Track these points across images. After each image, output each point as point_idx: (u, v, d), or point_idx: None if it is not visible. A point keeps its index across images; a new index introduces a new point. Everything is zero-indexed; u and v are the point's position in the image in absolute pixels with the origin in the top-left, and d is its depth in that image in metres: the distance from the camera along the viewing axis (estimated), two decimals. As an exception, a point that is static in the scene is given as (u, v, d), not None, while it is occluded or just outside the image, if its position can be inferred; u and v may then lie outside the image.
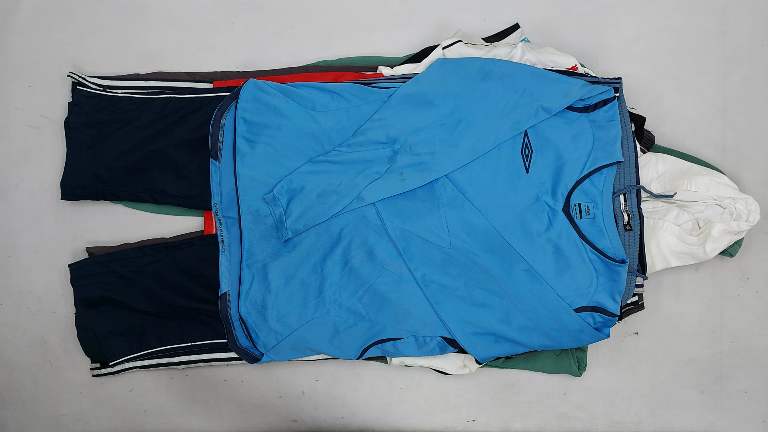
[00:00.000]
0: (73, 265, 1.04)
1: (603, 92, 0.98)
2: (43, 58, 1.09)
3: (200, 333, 1.04)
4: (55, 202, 1.08)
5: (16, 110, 1.09)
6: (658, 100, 1.09)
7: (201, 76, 1.06)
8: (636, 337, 1.10)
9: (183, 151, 1.03)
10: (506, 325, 0.98)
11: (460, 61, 1.01)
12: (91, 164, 1.04)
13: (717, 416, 1.11)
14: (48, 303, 1.09)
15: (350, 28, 1.09)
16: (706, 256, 1.01)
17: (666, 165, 1.04)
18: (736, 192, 1.01)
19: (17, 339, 1.10)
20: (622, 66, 1.09)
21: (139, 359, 1.05)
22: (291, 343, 1.02)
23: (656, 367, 1.11)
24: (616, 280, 0.96)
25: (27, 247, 1.09)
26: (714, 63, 1.10)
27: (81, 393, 1.10)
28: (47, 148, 1.08)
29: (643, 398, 1.11)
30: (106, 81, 1.05)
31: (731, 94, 1.10)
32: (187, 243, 1.05)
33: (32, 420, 1.10)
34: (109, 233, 1.08)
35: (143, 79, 1.06)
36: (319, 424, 1.10)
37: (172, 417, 1.10)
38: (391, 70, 1.04)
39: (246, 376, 1.09)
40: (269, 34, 1.09)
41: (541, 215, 0.97)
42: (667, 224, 1.00)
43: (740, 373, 1.11)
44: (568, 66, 1.00)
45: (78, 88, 1.04)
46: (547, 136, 0.97)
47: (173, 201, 1.05)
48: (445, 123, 0.99)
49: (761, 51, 1.10)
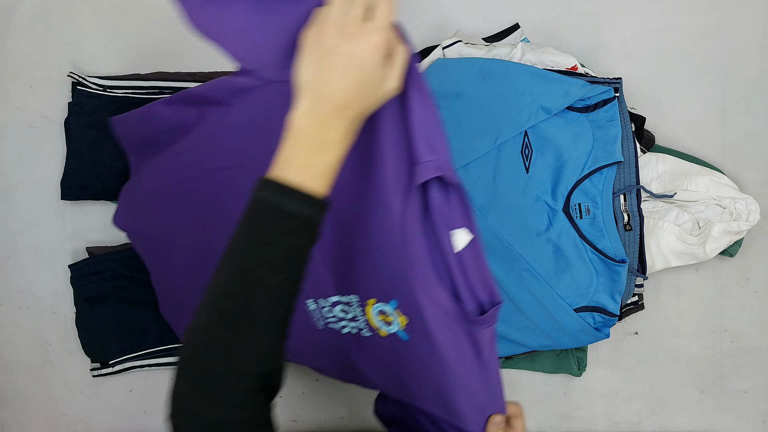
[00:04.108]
0: (73, 266, 1.04)
1: (603, 92, 0.98)
2: (43, 58, 1.09)
3: (200, 333, 1.04)
4: (55, 202, 1.08)
5: (16, 110, 1.09)
6: (658, 100, 1.09)
7: (201, 76, 1.06)
8: (636, 337, 1.10)
9: (183, 151, 1.03)
10: (506, 325, 0.98)
11: (460, 61, 1.01)
12: (91, 164, 1.03)
13: (717, 416, 1.11)
14: (48, 303, 1.09)
15: (350, 28, 1.09)
16: (706, 256, 1.01)
17: (666, 165, 1.04)
18: (736, 192, 1.01)
19: (17, 339, 1.10)
20: (622, 66, 1.09)
21: (139, 359, 1.05)
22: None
23: (656, 367, 1.10)
24: (616, 280, 0.96)
25: (27, 247, 1.09)
26: (714, 63, 1.10)
27: (81, 393, 1.10)
28: (47, 148, 1.08)
29: (643, 398, 1.11)
30: (106, 81, 1.05)
31: (731, 94, 1.10)
32: (187, 243, 1.05)
33: (32, 420, 1.10)
34: (109, 233, 1.08)
35: (143, 79, 1.06)
36: (319, 424, 1.10)
37: (172, 417, 1.10)
38: (391, 70, 1.03)
39: (246, 376, 1.09)
40: (269, 34, 1.09)
41: (541, 215, 0.97)
42: (667, 224, 1.00)
43: (740, 373, 1.11)
44: (568, 66, 1.00)
45: (78, 88, 1.04)
46: (547, 136, 0.97)
47: (173, 201, 1.05)
48: (444, 123, 0.98)
49: (761, 51, 1.10)
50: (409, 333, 0.68)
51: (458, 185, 0.62)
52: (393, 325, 0.69)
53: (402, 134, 0.60)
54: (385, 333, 0.71)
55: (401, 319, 0.68)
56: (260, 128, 0.69)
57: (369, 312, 0.71)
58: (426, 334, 0.65)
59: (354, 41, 0.51)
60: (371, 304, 0.70)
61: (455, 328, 0.65)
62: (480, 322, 0.64)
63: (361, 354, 0.76)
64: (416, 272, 0.63)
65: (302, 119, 0.52)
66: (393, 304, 0.68)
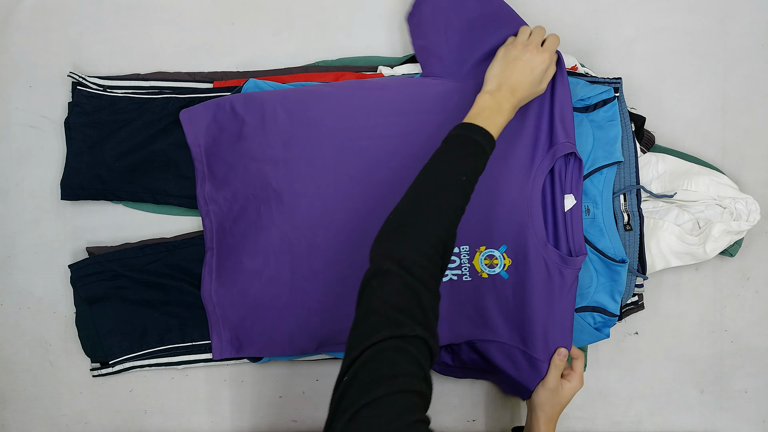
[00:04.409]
0: (73, 266, 1.04)
1: (603, 92, 0.98)
2: (43, 58, 1.09)
3: (200, 333, 1.04)
4: (55, 202, 1.08)
5: (16, 110, 1.09)
6: (658, 100, 1.09)
7: (201, 76, 1.06)
8: (636, 337, 1.10)
9: (184, 151, 1.03)
10: (507, 324, 1.00)
11: (461, 61, 1.02)
12: (91, 164, 1.04)
13: (717, 416, 1.11)
14: (48, 303, 1.09)
15: (350, 28, 1.09)
16: (706, 256, 1.01)
17: (666, 165, 1.04)
18: (736, 192, 1.01)
19: (17, 339, 1.10)
20: (622, 66, 1.09)
21: (139, 359, 1.05)
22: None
23: (656, 367, 1.10)
24: (616, 280, 0.96)
25: (27, 247, 1.09)
26: (714, 63, 1.10)
27: (81, 393, 1.10)
28: (47, 148, 1.08)
29: (643, 398, 1.11)
30: (106, 81, 1.05)
31: (731, 94, 1.10)
32: (187, 243, 1.05)
33: (32, 420, 1.10)
34: (109, 233, 1.08)
35: (143, 79, 1.06)
36: (319, 424, 1.10)
37: (172, 417, 1.10)
38: (391, 70, 1.04)
39: (246, 376, 1.09)
40: (269, 34, 1.09)
41: (542, 215, 0.98)
42: (667, 224, 1.00)
43: (740, 373, 1.11)
44: (568, 66, 1.00)
45: (78, 88, 1.04)
46: (547, 136, 0.99)
47: (174, 201, 1.05)
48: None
49: (761, 51, 1.10)
50: (509, 273, 0.91)
51: (580, 162, 0.92)
52: (497, 267, 0.92)
53: (544, 119, 0.92)
54: (487, 275, 0.92)
55: (506, 261, 0.91)
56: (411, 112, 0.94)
57: (477, 258, 0.92)
58: (526, 272, 0.90)
59: (532, 54, 0.85)
60: (481, 251, 0.92)
61: (550, 268, 0.89)
62: (570, 263, 0.90)
63: (453, 299, 0.93)
64: (533, 221, 0.90)
65: (488, 95, 0.82)
66: (502, 248, 0.91)
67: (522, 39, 0.88)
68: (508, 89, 0.82)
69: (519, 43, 0.87)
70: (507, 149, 0.91)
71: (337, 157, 0.94)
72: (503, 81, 0.83)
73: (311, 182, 0.94)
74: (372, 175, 0.93)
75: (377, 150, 0.94)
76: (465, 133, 0.77)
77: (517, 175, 0.91)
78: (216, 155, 0.99)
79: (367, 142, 0.94)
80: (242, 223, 0.97)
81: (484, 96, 0.82)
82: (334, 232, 0.94)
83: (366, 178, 0.94)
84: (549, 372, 0.90)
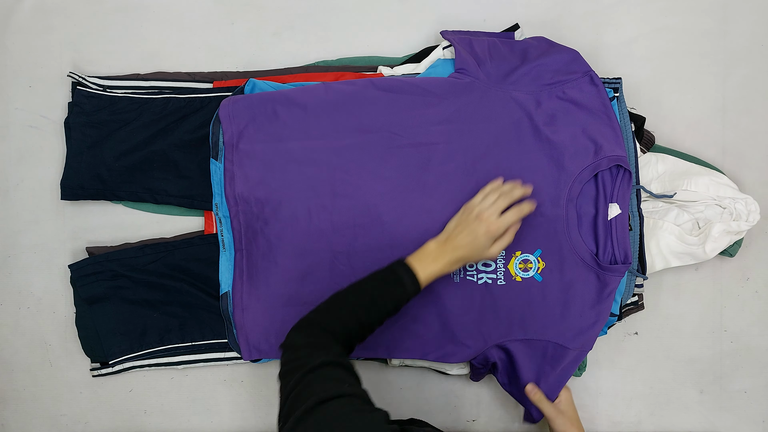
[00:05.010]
0: (73, 265, 1.04)
1: (603, 92, 0.98)
2: (43, 58, 1.09)
3: (200, 333, 1.04)
4: (55, 202, 1.08)
5: (16, 110, 1.09)
6: (658, 100, 1.09)
7: (201, 76, 1.06)
8: (636, 337, 1.10)
9: (183, 151, 1.03)
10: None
11: (461, 61, 1.02)
12: (91, 164, 1.04)
13: (717, 416, 1.11)
14: (48, 303, 1.09)
15: (350, 28, 1.09)
16: (706, 256, 1.01)
17: (666, 165, 1.04)
18: (736, 192, 1.01)
19: (17, 339, 1.10)
20: (622, 66, 1.09)
21: (139, 359, 1.05)
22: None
23: (656, 367, 1.10)
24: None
25: (27, 247, 1.09)
26: (714, 63, 1.10)
27: (81, 393, 1.10)
28: (47, 148, 1.08)
29: (643, 398, 1.11)
30: (106, 81, 1.05)
31: (731, 94, 1.10)
32: (187, 243, 1.05)
33: (32, 420, 1.10)
34: (109, 233, 1.08)
35: (143, 79, 1.06)
36: (319, 424, 1.10)
37: (172, 417, 1.10)
38: (391, 71, 1.04)
39: (246, 376, 1.09)
40: (269, 34, 1.09)
41: (542, 215, 0.98)
42: (667, 224, 1.00)
43: (740, 373, 1.11)
44: (568, 66, 1.00)
45: (78, 88, 1.04)
46: (547, 136, 0.99)
47: (174, 201, 1.05)
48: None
49: (761, 51, 1.10)
50: (543, 275, 0.94)
51: (629, 174, 0.93)
52: (531, 270, 0.94)
53: (589, 129, 0.94)
54: (521, 279, 0.94)
55: (540, 264, 0.94)
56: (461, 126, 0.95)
57: (512, 263, 0.94)
58: (561, 274, 0.93)
59: (479, 224, 0.84)
60: (516, 256, 0.94)
61: (585, 273, 0.93)
62: (610, 269, 0.92)
63: (484, 302, 0.95)
64: (568, 226, 0.93)
65: (435, 243, 0.86)
66: (537, 253, 0.94)
67: (482, 203, 0.86)
68: (451, 246, 0.84)
69: (475, 206, 0.86)
70: (547, 156, 0.93)
71: (383, 163, 0.95)
72: (451, 237, 0.85)
73: (356, 186, 0.95)
74: (416, 181, 0.94)
75: (422, 156, 0.95)
76: (397, 269, 0.82)
77: (556, 180, 0.93)
78: (252, 155, 0.98)
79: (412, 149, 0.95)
80: (276, 225, 0.97)
81: (431, 242, 0.86)
82: (375, 236, 0.95)
83: (411, 186, 0.94)
84: (541, 410, 0.94)
